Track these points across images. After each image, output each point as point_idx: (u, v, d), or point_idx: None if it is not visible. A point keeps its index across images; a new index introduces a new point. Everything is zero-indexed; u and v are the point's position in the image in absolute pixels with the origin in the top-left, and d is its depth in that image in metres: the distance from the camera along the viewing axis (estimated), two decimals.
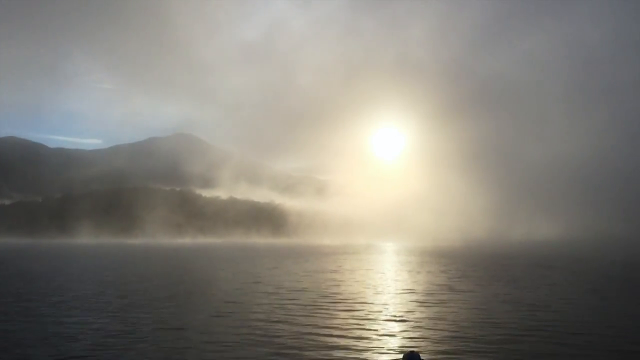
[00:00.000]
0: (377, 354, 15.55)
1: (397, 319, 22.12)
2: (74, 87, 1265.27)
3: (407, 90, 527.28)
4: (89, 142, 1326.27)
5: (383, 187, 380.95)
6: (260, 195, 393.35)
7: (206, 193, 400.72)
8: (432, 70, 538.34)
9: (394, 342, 16.95)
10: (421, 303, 27.40)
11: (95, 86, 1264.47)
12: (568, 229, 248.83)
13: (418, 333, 18.61)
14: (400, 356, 3.93)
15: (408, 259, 74.13)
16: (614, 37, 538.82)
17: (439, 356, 14.75)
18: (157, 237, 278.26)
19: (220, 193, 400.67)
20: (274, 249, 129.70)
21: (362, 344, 16.98)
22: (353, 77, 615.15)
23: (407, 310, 24.89)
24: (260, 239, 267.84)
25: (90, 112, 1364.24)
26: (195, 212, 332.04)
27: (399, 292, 33.21)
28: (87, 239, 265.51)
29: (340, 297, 30.48)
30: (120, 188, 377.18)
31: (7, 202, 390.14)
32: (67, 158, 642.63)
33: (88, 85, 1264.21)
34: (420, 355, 4.38)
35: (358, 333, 18.77)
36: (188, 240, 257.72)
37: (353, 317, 22.74)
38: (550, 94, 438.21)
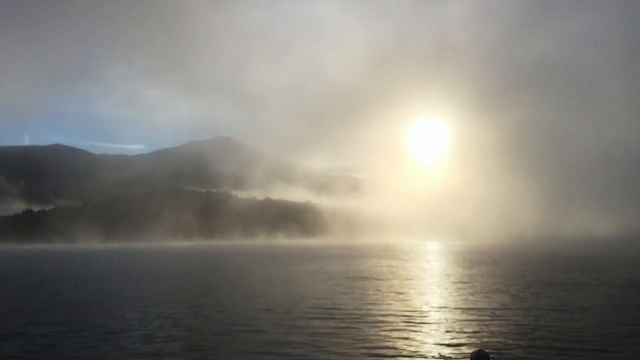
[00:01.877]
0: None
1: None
2: (118, 94, 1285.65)
3: (445, 77, 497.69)
4: (132, 147, 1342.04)
5: (422, 183, 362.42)
6: (296, 195, 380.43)
7: (242, 194, 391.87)
8: (474, 54, 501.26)
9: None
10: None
11: (138, 92, 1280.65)
12: (627, 224, 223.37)
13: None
14: (467, 356, 3.16)
15: (464, 267, 58.74)
16: None
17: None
18: (190, 239, 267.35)
19: (257, 194, 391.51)
20: (326, 250, 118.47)
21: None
22: (385, 65, 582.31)
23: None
24: (299, 240, 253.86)
25: (134, 118, 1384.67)
26: (231, 214, 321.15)
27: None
28: (119, 242, 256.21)
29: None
30: (155, 192, 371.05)
31: (48, 207, 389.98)
32: (110, 163, 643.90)
33: (132, 91, 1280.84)
34: (490, 354, 3.28)
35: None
36: (224, 242, 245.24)
37: None
38: (605, 75, 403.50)
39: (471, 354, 3.94)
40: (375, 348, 16.22)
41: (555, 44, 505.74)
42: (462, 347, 15.33)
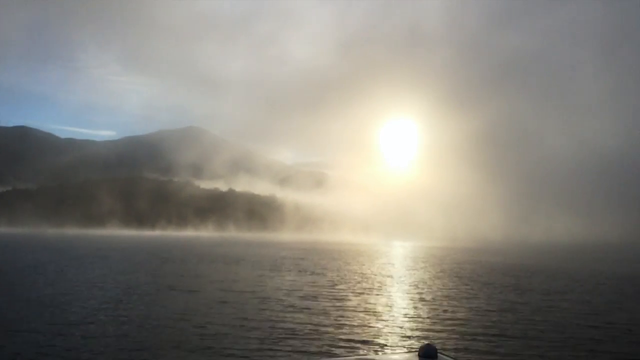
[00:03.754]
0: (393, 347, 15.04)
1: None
2: (90, 79, 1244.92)
3: (417, 69, 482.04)
4: (102, 133, 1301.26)
5: (390, 182, 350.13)
6: (261, 187, 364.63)
7: (205, 184, 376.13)
8: (448, 44, 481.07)
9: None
10: None
11: (112, 78, 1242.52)
12: (593, 230, 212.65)
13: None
14: (416, 349, 3.44)
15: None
16: None
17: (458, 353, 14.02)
18: (142, 228, 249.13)
19: (220, 184, 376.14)
20: (289, 244, 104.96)
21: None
22: (354, 49, 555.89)
23: None
24: (259, 234, 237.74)
25: (107, 104, 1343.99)
26: (189, 203, 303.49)
27: None
28: (69, 228, 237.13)
29: None
30: (111, 178, 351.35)
31: (3, 189, 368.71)
32: (75, 148, 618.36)
33: (105, 77, 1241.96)
34: (437, 348, 3.63)
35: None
36: (177, 232, 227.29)
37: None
38: (580, 73, 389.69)
39: (419, 347, 3.96)
40: (324, 345, 15.48)
41: (531, 38, 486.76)
42: (412, 342, 15.44)
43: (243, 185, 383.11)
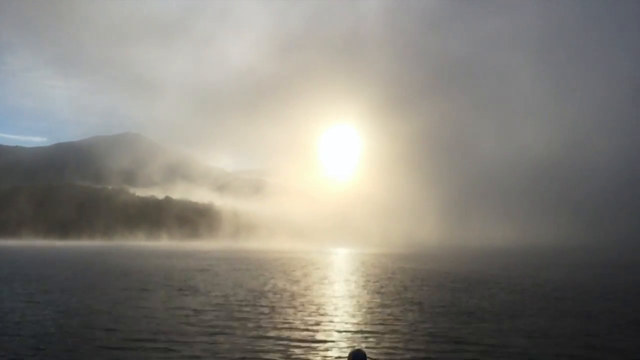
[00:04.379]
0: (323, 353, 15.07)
1: None
2: (18, 83, 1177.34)
3: (357, 75, 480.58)
4: (33, 139, 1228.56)
5: (330, 189, 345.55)
6: (198, 194, 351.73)
7: (140, 192, 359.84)
8: (387, 49, 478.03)
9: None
10: None
11: (43, 83, 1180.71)
12: (526, 235, 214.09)
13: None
14: (346, 355, 3.65)
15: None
16: (588, 18, 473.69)
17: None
18: (66, 237, 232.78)
19: (156, 192, 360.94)
20: (235, 253, 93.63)
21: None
22: (293, 53, 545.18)
23: None
24: (193, 242, 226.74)
25: (38, 109, 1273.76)
26: (120, 212, 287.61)
27: None
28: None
29: None
30: (35, 185, 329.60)
31: None
32: (3, 155, 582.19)
33: (35, 81, 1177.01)
34: (366, 353, 3.85)
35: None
36: (103, 242, 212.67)
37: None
38: (516, 79, 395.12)
39: (349, 353, 4.15)
40: (249, 352, 15.15)
41: (469, 43, 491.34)
42: (341, 348, 15.37)
43: (180, 192, 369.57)
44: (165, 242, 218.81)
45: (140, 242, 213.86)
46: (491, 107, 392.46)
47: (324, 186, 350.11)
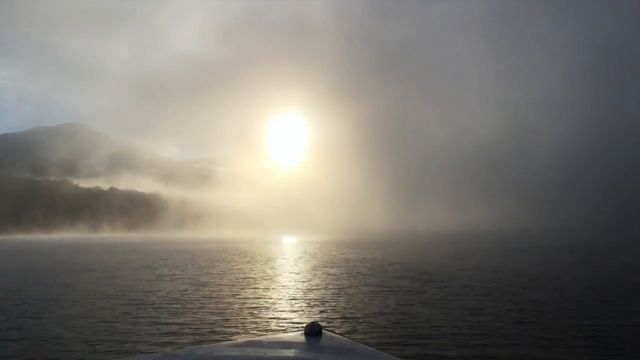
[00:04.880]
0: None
1: None
2: None
3: (304, 61, 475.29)
4: None
5: (279, 177, 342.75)
6: (145, 185, 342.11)
7: (84, 183, 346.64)
8: (333, 34, 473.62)
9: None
10: None
11: None
12: (472, 220, 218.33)
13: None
14: (302, 327, 3.51)
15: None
16: (531, 2, 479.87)
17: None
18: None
19: (100, 183, 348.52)
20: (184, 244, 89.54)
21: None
22: (238, 37, 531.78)
23: None
24: (137, 233, 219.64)
25: None
26: (64, 204, 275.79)
27: None
28: None
29: None
30: None
31: None
32: None
33: None
34: (322, 325, 3.89)
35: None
36: (43, 235, 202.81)
37: None
38: (461, 65, 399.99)
39: (305, 325, 3.83)
40: (202, 333, 14.98)
41: (416, 29, 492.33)
42: (297, 322, 15.76)
43: (126, 183, 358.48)
44: (107, 234, 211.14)
45: (81, 235, 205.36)
46: (436, 91, 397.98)
47: (272, 174, 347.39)
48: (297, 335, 3.24)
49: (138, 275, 33.99)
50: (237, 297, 22.81)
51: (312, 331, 3.12)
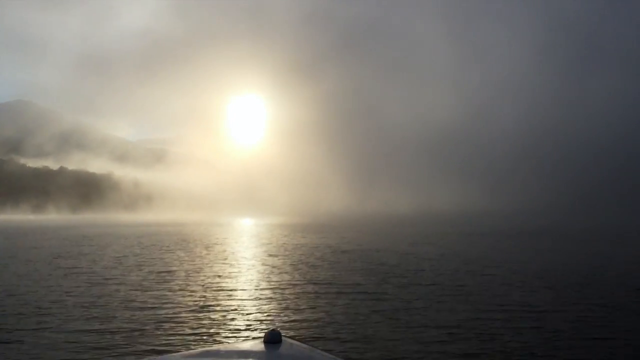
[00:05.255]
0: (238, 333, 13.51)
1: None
2: None
3: (260, 39, 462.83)
4: None
5: (236, 158, 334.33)
6: (96, 165, 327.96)
7: (32, 162, 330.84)
8: (293, 11, 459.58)
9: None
10: None
11: None
12: (430, 201, 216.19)
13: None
14: (262, 335, 3.69)
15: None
16: None
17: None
18: None
19: (49, 162, 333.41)
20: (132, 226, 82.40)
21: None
22: (191, 10, 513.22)
23: None
24: (86, 215, 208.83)
25: None
26: (7, 184, 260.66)
27: None
28: None
29: None
30: None
31: None
32: None
33: None
34: (281, 332, 4.04)
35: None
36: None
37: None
38: (421, 46, 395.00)
39: (265, 334, 3.74)
40: (159, 336, 12.83)
41: (374, 9, 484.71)
42: (256, 330, 13.97)
43: (76, 162, 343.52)
44: (52, 216, 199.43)
45: (24, 216, 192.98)
46: (397, 72, 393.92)
47: (230, 155, 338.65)
48: (256, 344, 3.19)
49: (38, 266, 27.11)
50: (186, 295, 18.83)
51: (272, 339, 3.06)
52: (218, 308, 16.46)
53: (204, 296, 18.45)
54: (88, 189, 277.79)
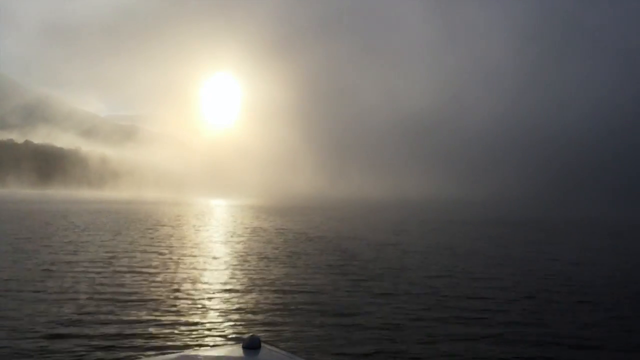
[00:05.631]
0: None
1: None
2: None
3: (235, 17, 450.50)
4: None
5: (208, 137, 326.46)
6: (63, 139, 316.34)
7: None
8: None
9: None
10: None
11: None
12: (403, 187, 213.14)
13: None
14: (238, 338, 3.92)
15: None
16: None
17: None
18: None
19: (14, 135, 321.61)
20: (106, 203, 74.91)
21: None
22: None
23: None
24: (48, 190, 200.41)
25: None
26: None
27: None
28: None
29: None
30: None
31: None
32: None
33: None
34: (261, 339, 4.04)
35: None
36: None
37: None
38: (396, 29, 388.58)
39: (244, 339, 3.66)
40: (132, 338, 10.94)
41: None
42: (232, 335, 12.07)
43: (43, 137, 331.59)
44: (11, 190, 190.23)
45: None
46: (373, 53, 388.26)
47: (202, 135, 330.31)
48: (235, 349, 3.16)
49: None
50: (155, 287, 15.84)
51: (251, 344, 3.05)
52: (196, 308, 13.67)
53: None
54: (53, 164, 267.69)
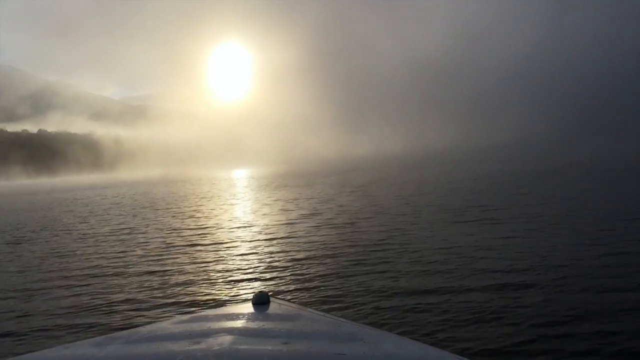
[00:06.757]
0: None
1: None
2: None
3: None
4: None
5: (221, 108, 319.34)
6: (76, 126, 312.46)
7: (11, 127, 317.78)
8: None
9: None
10: None
11: None
12: (423, 137, 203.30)
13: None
14: (250, 296, 3.90)
15: None
16: None
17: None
18: None
19: (28, 126, 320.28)
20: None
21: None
22: None
23: None
24: (72, 176, 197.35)
25: None
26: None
27: None
28: None
29: None
30: None
31: None
32: None
33: None
34: (270, 295, 4.22)
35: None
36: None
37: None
38: None
39: (253, 296, 3.61)
40: (147, 301, 11.96)
41: None
42: (242, 292, 12.69)
43: (56, 124, 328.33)
44: (37, 180, 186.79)
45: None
46: (383, 3, 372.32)
47: (214, 107, 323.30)
48: (245, 306, 3.18)
49: None
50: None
51: (260, 300, 3.07)
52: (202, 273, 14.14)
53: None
54: (70, 150, 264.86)
